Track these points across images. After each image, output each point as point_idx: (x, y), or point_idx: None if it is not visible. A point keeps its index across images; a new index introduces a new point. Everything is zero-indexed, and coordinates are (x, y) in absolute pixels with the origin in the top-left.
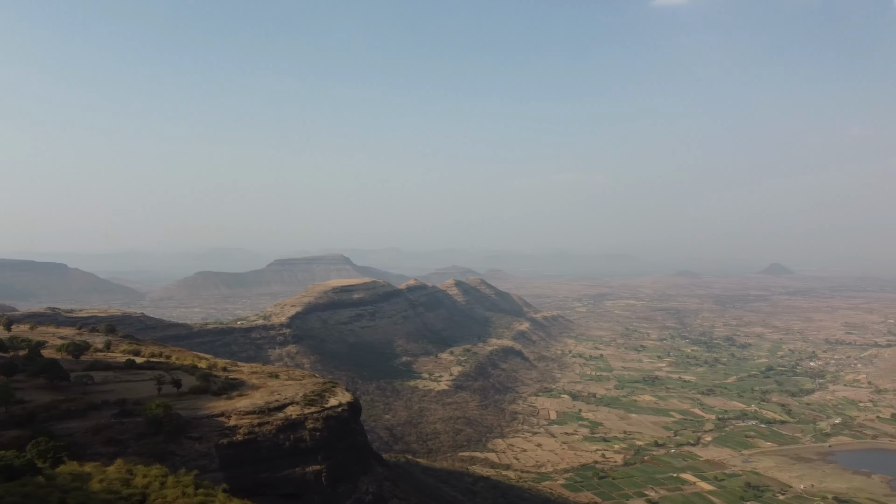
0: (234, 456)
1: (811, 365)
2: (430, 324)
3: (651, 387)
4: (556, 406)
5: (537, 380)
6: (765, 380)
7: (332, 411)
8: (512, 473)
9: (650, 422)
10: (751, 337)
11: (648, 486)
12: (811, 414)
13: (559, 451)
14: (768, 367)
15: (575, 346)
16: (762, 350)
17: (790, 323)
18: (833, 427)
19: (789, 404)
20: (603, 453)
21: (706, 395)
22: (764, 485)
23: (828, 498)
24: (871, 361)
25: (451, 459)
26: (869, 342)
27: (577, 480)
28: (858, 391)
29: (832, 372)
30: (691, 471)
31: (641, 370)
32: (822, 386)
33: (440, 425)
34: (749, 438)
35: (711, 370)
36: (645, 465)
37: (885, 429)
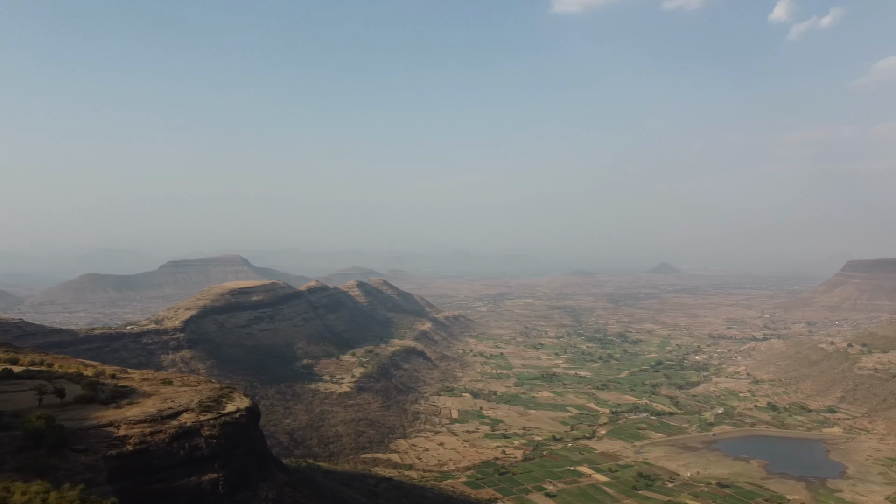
0: (124, 467)
1: (696, 359)
2: (331, 325)
3: (549, 383)
4: (457, 405)
5: (439, 379)
6: (655, 374)
7: (229, 417)
8: (414, 473)
9: (548, 417)
10: (642, 333)
11: (547, 480)
12: (697, 405)
13: (461, 449)
14: (658, 361)
15: (476, 344)
16: (652, 345)
17: (677, 319)
18: (716, 417)
19: (677, 396)
20: (503, 449)
21: (601, 390)
22: (654, 474)
23: (711, 483)
24: (749, 354)
25: (354, 462)
26: (748, 336)
27: (478, 477)
28: (738, 382)
29: (715, 365)
30: (587, 463)
31: (540, 367)
32: (706, 378)
33: (342, 428)
34: (641, 430)
35: (606, 366)
36: (544, 459)
37: (762, 417)
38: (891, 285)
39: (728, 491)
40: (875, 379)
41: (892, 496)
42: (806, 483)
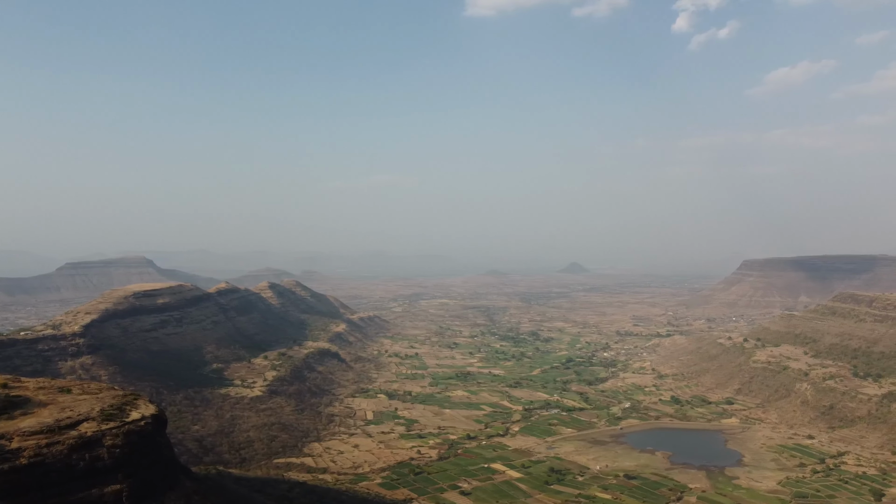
0: (18, 482)
1: (605, 355)
2: (242, 328)
3: (464, 382)
4: (372, 406)
5: (354, 381)
6: (566, 371)
7: (133, 426)
8: (329, 476)
9: (463, 416)
10: (553, 331)
11: (462, 478)
12: (605, 400)
13: (376, 451)
14: (569, 358)
15: (391, 345)
16: (563, 343)
17: (587, 317)
18: (623, 411)
19: (587, 392)
20: (419, 449)
21: (514, 388)
22: (566, 468)
23: (619, 476)
24: (654, 350)
25: (266, 467)
26: (653, 333)
27: (393, 478)
28: (644, 377)
29: (623, 361)
30: (501, 460)
31: (454, 366)
32: (614, 374)
33: (254, 433)
34: (552, 426)
35: (519, 364)
36: (458, 458)
37: (666, 410)
38: (782, 283)
39: (635, 482)
40: (768, 371)
41: (783, 481)
42: (706, 472)
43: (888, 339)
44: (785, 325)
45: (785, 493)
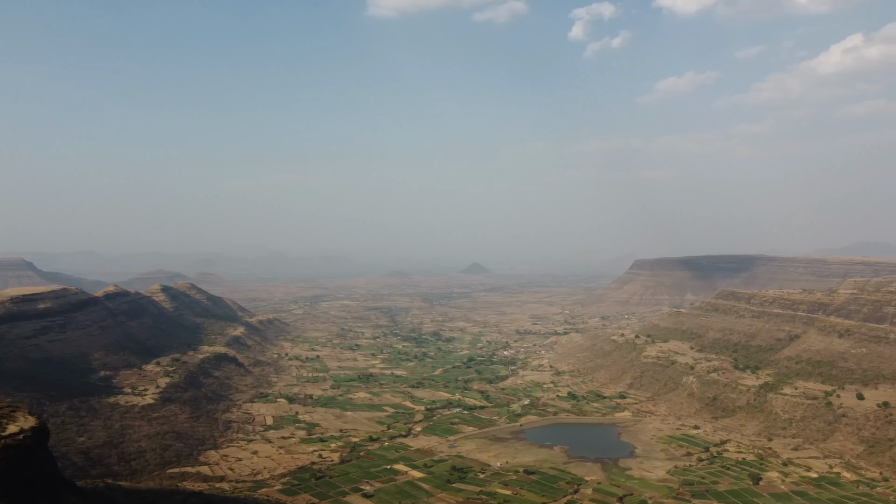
0: None
1: (505, 354)
2: (133, 333)
3: (366, 384)
4: (272, 411)
5: (253, 385)
6: (467, 370)
7: (11, 440)
8: (227, 485)
9: (365, 418)
10: (455, 331)
11: (364, 481)
12: (505, 398)
13: (276, 457)
14: (470, 358)
15: (291, 348)
16: (464, 343)
17: (488, 317)
18: (523, 408)
19: (487, 390)
20: (320, 453)
21: (416, 388)
22: (467, 466)
23: (519, 471)
24: (552, 348)
25: (159, 478)
26: (550, 331)
27: (294, 483)
28: (542, 374)
29: (522, 359)
30: (403, 461)
31: (356, 368)
32: (514, 372)
33: (146, 443)
34: (454, 425)
35: (421, 364)
36: (361, 460)
37: (564, 406)
38: (670, 282)
39: (534, 477)
40: (658, 366)
41: (672, 469)
42: (601, 464)
43: (764, 333)
44: (673, 322)
45: (673, 481)
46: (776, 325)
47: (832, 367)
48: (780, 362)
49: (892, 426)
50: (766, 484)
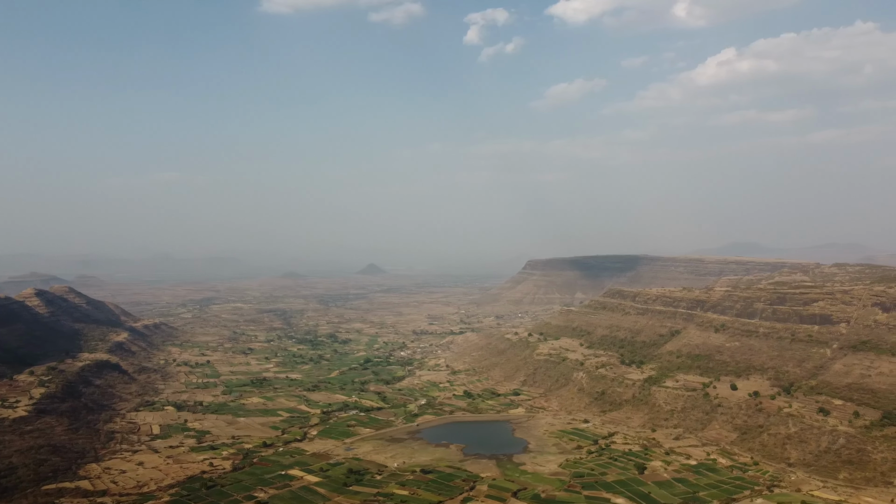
0: None
1: (402, 354)
2: (2, 342)
3: (259, 388)
4: (159, 419)
5: (138, 393)
6: (364, 371)
7: None
8: (109, 499)
9: (259, 423)
10: (351, 332)
11: (258, 488)
12: (402, 398)
13: (163, 467)
14: (367, 359)
15: (180, 353)
16: (361, 344)
17: (384, 318)
18: (420, 408)
19: (384, 391)
20: (211, 462)
21: (312, 392)
22: (364, 468)
23: (416, 471)
24: (448, 347)
25: (34, 496)
26: (447, 331)
27: (183, 494)
28: (439, 374)
29: (419, 359)
30: (299, 466)
31: (249, 373)
32: (410, 372)
33: (18, 458)
34: (351, 427)
35: (317, 367)
36: (254, 467)
37: (460, 404)
38: (561, 281)
39: (431, 476)
40: (549, 363)
41: (563, 463)
42: (496, 461)
43: (649, 329)
44: (564, 320)
45: (565, 474)
46: (659, 322)
47: (709, 361)
48: (663, 357)
49: (761, 414)
50: (650, 473)
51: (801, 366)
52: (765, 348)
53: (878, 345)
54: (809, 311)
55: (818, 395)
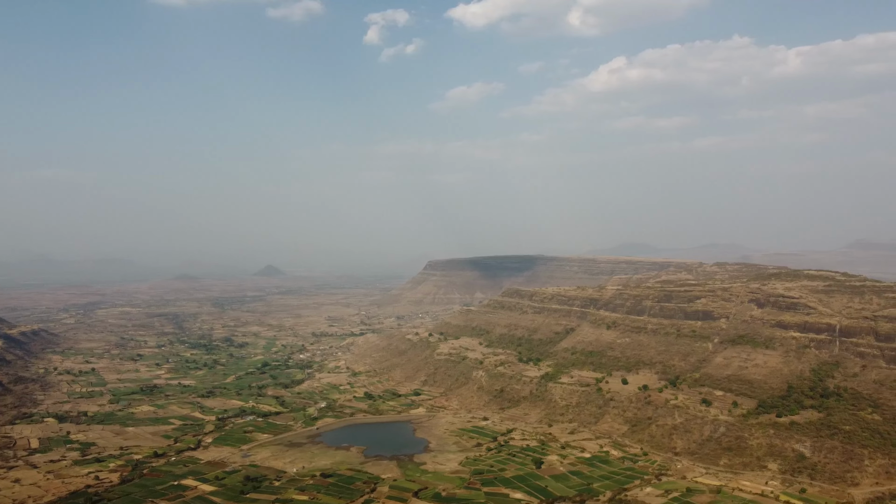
0: None
1: (301, 357)
2: None
3: (150, 396)
4: (38, 432)
5: (14, 405)
6: (261, 375)
7: None
8: None
9: (149, 433)
10: (248, 336)
11: (149, 500)
12: (301, 402)
13: (43, 483)
14: (264, 363)
15: (62, 361)
16: (258, 348)
17: (283, 320)
18: (320, 411)
19: (283, 395)
20: (96, 475)
21: (206, 398)
22: (262, 475)
23: (316, 475)
24: (348, 349)
25: None
26: (347, 332)
27: None
28: (339, 376)
29: (318, 362)
30: (192, 475)
31: (139, 380)
32: (310, 375)
33: None
34: (248, 433)
35: (211, 372)
36: (144, 478)
37: (360, 406)
38: (461, 281)
39: (331, 480)
40: (450, 362)
41: (464, 461)
42: (398, 461)
43: (545, 327)
44: (464, 320)
45: (465, 471)
46: (555, 320)
47: (602, 357)
48: (559, 354)
49: (650, 406)
50: (547, 467)
51: (686, 360)
52: (653, 344)
53: (753, 338)
54: (693, 308)
55: (701, 387)
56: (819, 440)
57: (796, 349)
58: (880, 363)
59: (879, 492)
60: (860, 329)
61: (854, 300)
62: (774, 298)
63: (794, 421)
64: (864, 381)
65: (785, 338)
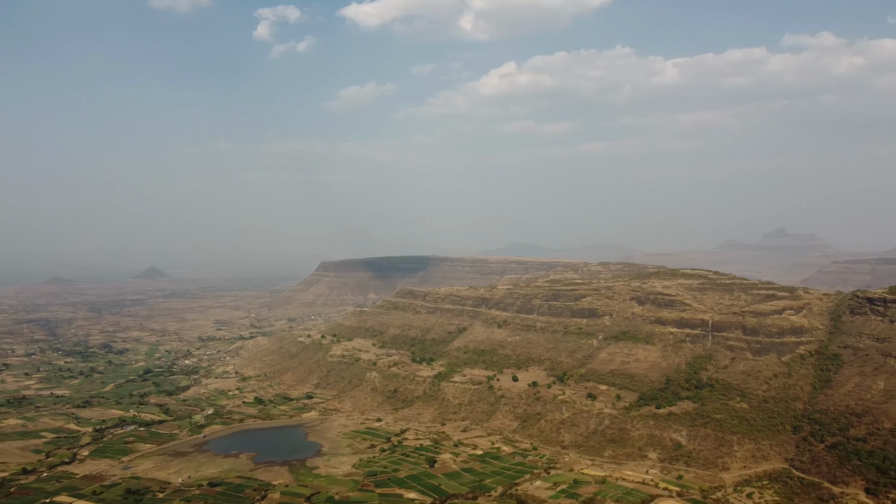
0: None
1: (187, 363)
2: None
3: (17, 408)
4: None
5: None
6: (143, 383)
7: None
8: None
9: (17, 448)
10: (129, 342)
11: None
12: (187, 409)
13: None
14: (147, 369)
15: None
16: (140, 354)
17: (167, 324)
18: (207, 418)
19: (167, 403)
20: None
21: (82, 408)
22: (144, 487)
23: (203, 485)
24: (237, 353)
25: None
26: (236, 336)
27: None
28: (227, 381)
29: (205, 367)
30: (67, 491)
31: (5, 391)
32: (196, 381)
33: None
34: (128, 444)
35: (88, 381)
36: (11, 497)
37: (250, 411)
38: (354, 282)
39: (219, 489)
40: (343, 364)
41: (357, 463)
42: (289, 466)
43: (438, 327)
44: (357, 321)
45: (358, 474)
46: (448, 320)
47: (493, 355)
48: (452, 353)
49: (539, 402)
50: (440, 465)
51: (573, 356)
52: (542, 341)
53: (634, 334)
54: (579, 306)
55: (587, 382)
56: (694, 429)
57: (673, 344)
58: (748, 355)
59: (747, 475)
60: (730, 324)
61: (725, 297)
62: (654, 296)
63: (671, 412)
64: (734, 372)
65: (663, 333)
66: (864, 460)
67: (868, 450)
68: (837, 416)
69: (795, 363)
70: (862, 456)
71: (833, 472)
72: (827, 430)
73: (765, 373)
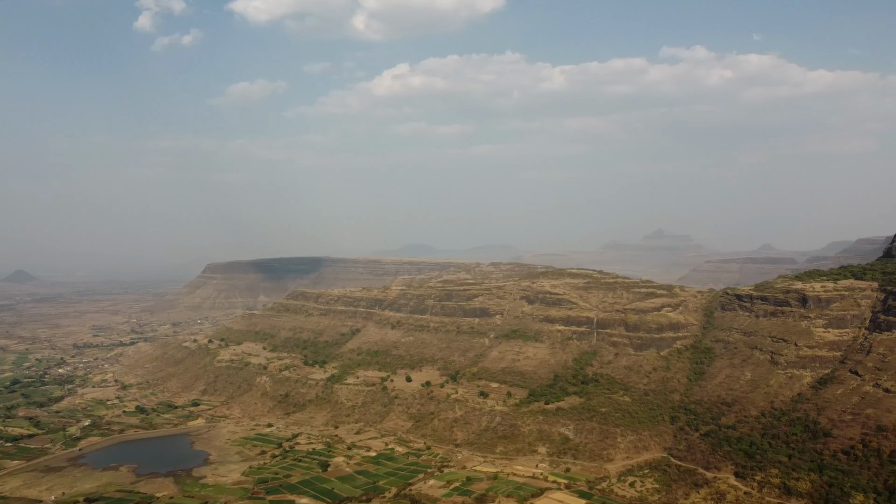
0: None
1: (60, 372)
2: None
3: None
4: None
5: None
6: (11, 394)
7: None
8: None
9: None
10: None
11: None
12: (61, 421)
13: None
14: (14, 380)
15: None
16: (7, 364)
17: (37, 331)
18: (83, 430)
19: (38, 416)
20: None
21: None
22: None
23: (80, 501)
24: (117, 360)
25: None
26: (115, 342)
27: None
28: (106, 390)
29: (81, 376)
30: None
31: None
32: (71, 391)
33: None
34: None
35: None
36: None
37: (131, 421)
38: (243, 284)
39: None
40: (232, 369)
41: (247, 470)
42: (174, 477)
43: (331, 329)
44: (246, 324)
45: (248, 481)
46: (341, 321)
47: (387, 356)
48: (345, 355)
49: (432, 401)
50: (333, 469)
51: (465, 355)
52: (435, 341)
53: (524, 333)
54: (472, 306)
55: (479, 381)
56: (581, 423)
57: (561, 341)
58: (629, 351)
59: (629, 465)
60: (613, 321)
61: (608, 295)
62: (542, 295)
63: (559, 407)
64: (617, 367)
65: (551, 331)
66: (734, 446)
67: (737, 436)
68: (710, 406)
69: (673, 357)
70: (732, 442)
71: (707, 459)
72: (701, 420)
73: (645, 367)
